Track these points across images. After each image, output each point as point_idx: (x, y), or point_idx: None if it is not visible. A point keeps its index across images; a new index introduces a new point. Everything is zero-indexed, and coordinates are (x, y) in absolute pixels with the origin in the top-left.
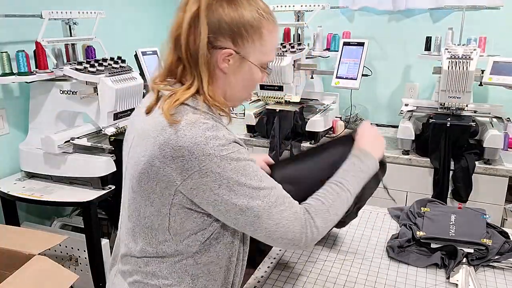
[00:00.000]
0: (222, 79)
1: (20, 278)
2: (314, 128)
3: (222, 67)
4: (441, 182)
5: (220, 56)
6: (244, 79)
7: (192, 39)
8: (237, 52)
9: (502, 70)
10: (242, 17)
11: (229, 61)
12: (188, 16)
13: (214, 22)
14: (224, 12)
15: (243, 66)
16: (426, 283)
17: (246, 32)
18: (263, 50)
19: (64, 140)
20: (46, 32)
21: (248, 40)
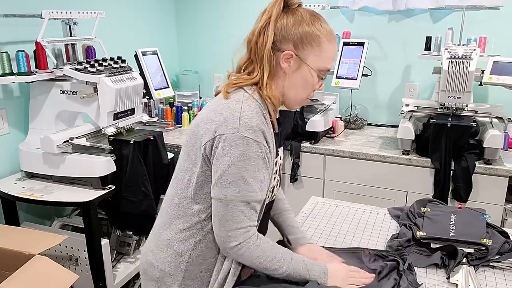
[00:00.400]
0: (282, 78)
1: (20, 278)
2: (314, 128)
3: (283, 66)
4: (442, 182)
5: (282, 57)
6: (301, 80)
7: (261, 42)
8: (297, 55)
9: (502, 70)
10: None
11: (290, 62)
12: (260, 25)
13: (280, 29)
14: (289, 23)
15: (302, 69)
16: (427, 283)
17: (306, 39)
18: (321, 56)
19: (63, 140)
20: (46, 32)
21: (308, 46)
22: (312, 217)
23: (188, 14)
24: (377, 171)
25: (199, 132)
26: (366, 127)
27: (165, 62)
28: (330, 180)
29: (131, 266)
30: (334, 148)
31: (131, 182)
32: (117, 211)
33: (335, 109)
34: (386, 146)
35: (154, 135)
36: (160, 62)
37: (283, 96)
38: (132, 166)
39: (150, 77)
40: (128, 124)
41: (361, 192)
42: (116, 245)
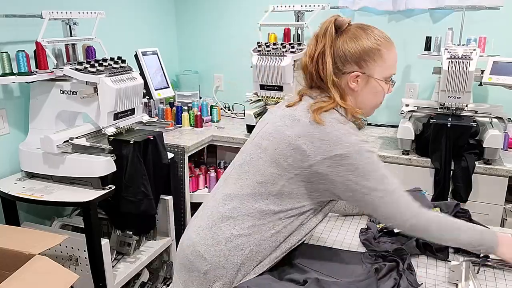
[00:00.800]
0: (353, 96)
1: (20, 278)
2: None
3: (352, 87)
4: (441, 182)
5: (349, 78)
6: (372, 92)
7: (322, 69)
8: (363, 73)
9: (502, 70)
10: (363, 46)
11: (358, 81)
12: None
13: (338, 53)
14: (347, 45)
15: (370, 83)
16: (426, 283)
17: (368, 56)
18: (385, 66)
19: (63, 140)
20: (46, 32)
21: (371, 61)
22: None
23: (188, 14)
24: None
25: (300, 147)
26: (366, 127)
27: (165, 62)
28: None
29: (131, 266)
30: None
31: (130, 182)
32: (117, 211)
33: None
34: (386, 146)
35: (154, 135)
36: (160, 62)
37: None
38: (132, 166)
39: (150, 77)
40: (128, 124)
41: None
42: (116, 245)
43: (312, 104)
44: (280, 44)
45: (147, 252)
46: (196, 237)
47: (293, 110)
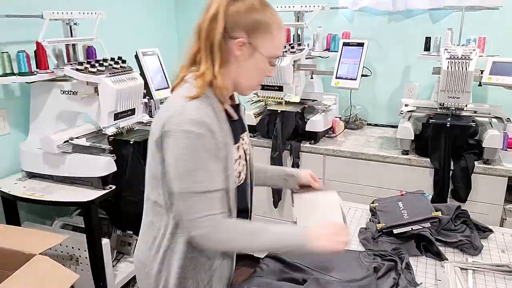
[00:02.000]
0: (234, 66)
1: (21, 278)
2: (314, 128)
3: (236, 54)
4: (441, 182)
5: (235, 44)
6: (254, 67)
7: (212, 31)
8: (249, 42)
9: (502, 70)
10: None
11: (243, 49)
12: (210, 13)
13: (231, 16)
14: (241, 10)
15: (254, 56)
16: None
17: (258, 27)
18: (272, 43)
19: (63, 140)
20: (46, 33)
21: (260, 34)
22: None
23: (188, 14)
24: (377, 171)
25: (153, 128)
26: (365, 127)
27: (165, 62)
28: (330, 180)
29: (132, 265)
30: (334, 148)
31: (131, 182)
32: (117, 211)
33: (335, 109)
34: (385, 146)
35: None
36: (161, 62)
37: (235, 83)
38: (132, 166)
39: (151, 77)
40: (129, 124)
41: (360, 192)
42: (117, 244)
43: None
44: None
45: None
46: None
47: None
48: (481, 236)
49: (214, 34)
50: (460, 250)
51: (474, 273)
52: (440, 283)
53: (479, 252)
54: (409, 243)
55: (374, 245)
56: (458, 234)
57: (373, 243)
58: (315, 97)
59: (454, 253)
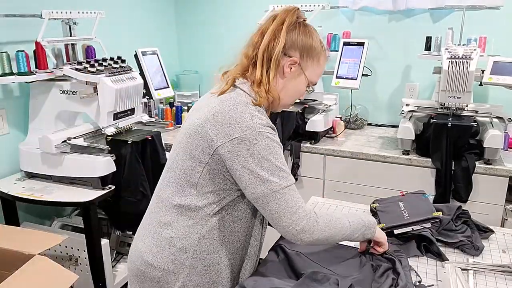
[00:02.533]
0: (280, 81)
1: (20, 278)
2: (314, 128)
3: (285, 71)
4: (442, 182)
5: (287, 61)
6: (295, 87)
7: (272, 44)
8: (299, 64)
9: (502, 70)
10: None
11: (291, 68)
12: (271, 27)
13: (291, 36)
14: (300, 32)
15: (299, 77)
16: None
17: (311, 52)
18: (316, 70)
19: (61, 140)
20: (46, 32)
21: (310, 59)
22: None
23: (188, 14)
24: (377, 171)
25: (206, 133)
26: (366, 127)
27: (165, 62)
28: (330, 180)
29: None
30: (334, 148)
31: (129, 182)
32: (116, 211)
33: (335, 109)
34: (386, 146)
35: (152, 135)
36: (160, 62)
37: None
38: (130, 166)
39: (150, 77)
40: (128, 124)
41: (361, 192)
42: (116, 245)
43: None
44: None
45: None
46: (142, 246)
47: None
48: (482, 237)
49: (274, 48)
50: (461, 251)
51: (475, 274)
52: (441, 283)
53: (480, 252)
54: (410, 243)
55: None
56: (459, 234)
57: None
58: (315, 97)
59: (455, 253)
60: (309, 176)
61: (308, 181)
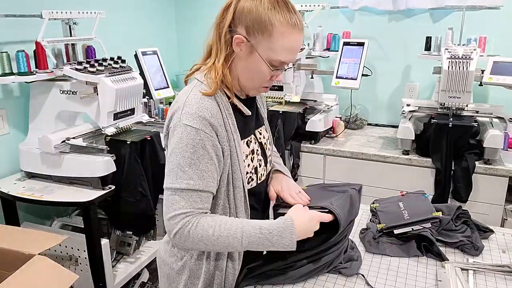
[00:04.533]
0: (236, 62)
1: (20, 278)
2: (314, 128)
3: (235, 50)
4: (443, 182)
5: (234, 40)
6: (251, 68)
7: (221, 22)
8: (248, 40)
9: (502, 70)
10: (258, 11)
11: (241, 46)
12: (224, 6)
13: (238, 10)
14: (247, 5)
15: (252, 56)
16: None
17: (258, 25)
18: (272, 47)
19: (61, 140)
20: (46, 32)
21: (259, 33)
22: None
23: (188, 14)
24: (377, 171)
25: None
26: (366, 127)
27: (165, 62)
28: (330, 180)
29: (131, 266)
30: (334, 148)
31: (128, 183)
32: (116, 211)
33: (335, 109)
34: (386, 146)
35: (151, 135)
36: (160, 62)
37: (237, 80)
38: (129, 167)
39: (150, 77)
40: (128, 124)
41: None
42: (116, 245)
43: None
44: None
45: (147, 252)
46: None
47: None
48: (482, 237)
49: (222, 26)
50: (461, 251)
51: (475, 274)
52: (440, 283)
53: (480, 252)
54: (410, 243)
55: (375, 245)
56: (459, 234)
57: (374, 243)
58: (315, 97)
59: (455, 253)
60: (309, 176)
61: (308, 181)
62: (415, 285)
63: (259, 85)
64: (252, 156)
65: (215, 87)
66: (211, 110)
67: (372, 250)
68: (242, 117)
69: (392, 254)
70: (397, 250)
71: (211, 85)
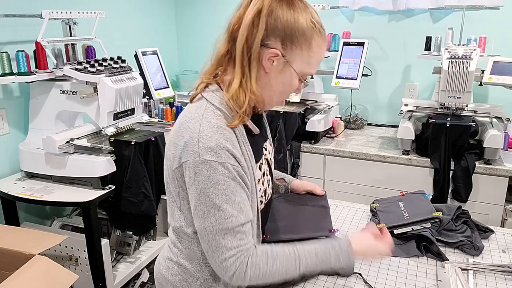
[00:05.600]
0: (263, 78)
1: (20, 278)
2: (314, 128)
3: (265, 65)
4: (441, 182)
5: (266, 54)
6: (283, 83)
7: (251, 35)
8: (283, 55)
9: (502, 70)
10: (297, 22)
11: (273, 62)
12: (251, 13)
13: (271, 21)
14: (282, 13)
15: (285, 71)
16: (427, 283)
17: (297, 38)
18: (309, 61)
19: (65, 140)
20: (46, 32)
21: (297, 47)
22: None
23: (188, 14)
24: (377, 171)
25: (169, 156)
26: (366, 127)
27: (165, 62)
28: (330, 180)
29: (131, 266)
30: (334, 148)
31: (131, 183)
32: (117, 211)
33: (335, 109)
34: (386, 146)
35: (156, 136)
36: (160, 62)
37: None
38: (133, 167)
39: (150, 77)
40: (128, 124)
41: (361, 192)
42: (116, 245)
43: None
44: None
45: (147, 252)
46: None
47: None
48: (482, 237)
49: (253, 42)
50: (461, 251)
51: (475, 274)
52: (441, 283)
53: (480, 252)
54: (410, 243)
55: None
56: (459, 234)
57: None
58: (315, 97)
59: (455, 253)
60: (309, 176)
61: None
62: (415, 285)
63: (282, 100)
64: (263, 179)
65: (240, 119)
66: (231, 140)
67: None
68: (251, 138)
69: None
70: (397, 250)
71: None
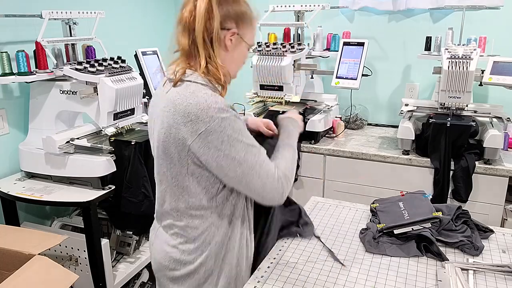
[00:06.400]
0: (223, 55)
1: (20, 278)
2: (314, 128)
3: (227, 44)
4: (441, 182)
5: (227, 35)
6: (240, 55)
7: (209, 22)
8: (238, 34)
9: (502, 70)
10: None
11: (232, 40)
12: (203, 6)
13: (223, 9)
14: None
15: (240, 46)
16: (427, 283)
17: (244, 18)
18: (252, 33)
19: (65, 140)
20: (46, 32)
21: (245, 25)
22: (312, 217)
23: None
24: (377, 171)
25: (175, 138)
26: (366, 127)
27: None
28: (330, 180)
29: (131, 266)
30: (334, 148)
31: (131, 183)
32: (117, 211)
33: (335, 109)
34: (386, 146)
35: None
36: (160, 62)
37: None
38: (133, 167)
39: (150, 77)
40: (128, 124)
41: (361, 192)
42: (116, 245)
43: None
44: (280, 44)
45: (147, 252)
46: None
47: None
48: (482, 237)
49: (212, 27)
50: (461, 251)
51: (475, 274)
52: (441, 283)
53: (480, 252)
54: (410, 243)
55: (375, 245)
56: (459, 234)
57: (374, 243)
58: (315, 97)
59: (455, 253)
60: (309, 176)
61: (308, 181)
62: (415, 285)
63: (241, 66)
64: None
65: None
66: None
67: (372, 250)
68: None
69: (392, 254)
70: (397, 250)
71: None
